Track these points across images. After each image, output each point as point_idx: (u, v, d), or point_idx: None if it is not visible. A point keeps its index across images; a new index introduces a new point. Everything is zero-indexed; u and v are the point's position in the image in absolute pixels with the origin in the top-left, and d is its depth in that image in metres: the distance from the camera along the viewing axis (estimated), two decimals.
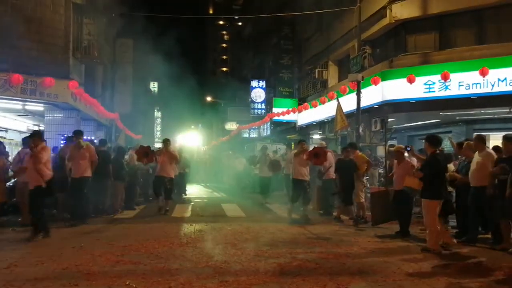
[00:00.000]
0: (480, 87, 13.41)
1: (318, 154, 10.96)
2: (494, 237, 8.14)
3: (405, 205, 9.12)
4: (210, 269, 6.12)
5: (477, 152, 8.28)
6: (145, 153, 11.90)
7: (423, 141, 9.65)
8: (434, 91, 14.27)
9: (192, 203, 14.94)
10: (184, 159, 16.63)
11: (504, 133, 8.37)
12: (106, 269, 6.07)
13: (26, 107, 15.34)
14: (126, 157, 13.22)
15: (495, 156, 8.07)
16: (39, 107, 15.52)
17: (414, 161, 9.41)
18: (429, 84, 14.31)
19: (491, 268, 6.45)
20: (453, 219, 9.34)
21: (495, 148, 8.81)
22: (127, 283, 5.40)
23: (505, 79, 12.95)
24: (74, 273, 5.84)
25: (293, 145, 18.50)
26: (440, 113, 14.70)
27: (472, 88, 13.58)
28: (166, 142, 12.53)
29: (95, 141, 15.48)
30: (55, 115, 15.91)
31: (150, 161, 12.27)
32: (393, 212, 9.54)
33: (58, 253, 6.95)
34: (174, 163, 12.58)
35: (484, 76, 12.95)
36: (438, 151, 7.99)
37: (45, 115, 15.96)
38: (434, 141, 7.87)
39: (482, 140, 8.33)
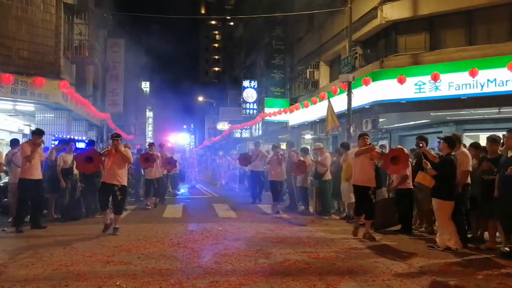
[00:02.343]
0: (470, 88, 13.52)
1: (397, 159, 8.50)
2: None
3: (405, 203, 9.39)
4: (201, 270, 6.14)
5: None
6: (88, 158, 9.03)
7: (415, 140, 9.82)
8: (425, 92, 14.37)
9: (183, 204, 14.94)
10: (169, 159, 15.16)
11: (493, 133, 8.47)
12: (97, 270, 6.07)
13: (17, 107, 15.28)
14: None
15: (469, 155, 8.17)
16: (29, 107, 15.46)
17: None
18: (420, 85, 14.41)
19: (478, 267, 6.50)
20: None
21: (474, 145, 8.91)
22: (118, 283, 5.41)
23: (495, 79, 13.07)
24: (65, 274, 5.84)
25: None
26: (431, 114, 14.80)
27: (462, 88, 13.69)
28: (114, 138, 9.24)
29: (86, 141, 15.47)
30: (46, 115, 15.86)
31: (97, 168, 9.44)
32: (395, 217, 9.70)
33: (49, 254, 6.94)
34: (126, 166, 9.59)
35: (473, 77, 13.07)
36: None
37: (36, 115, 15.90)
38: (451, 142, 7.94)
39: (458, 140, 8.43)
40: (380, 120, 16.38)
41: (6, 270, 6.02)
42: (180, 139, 60.56)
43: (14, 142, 10.47)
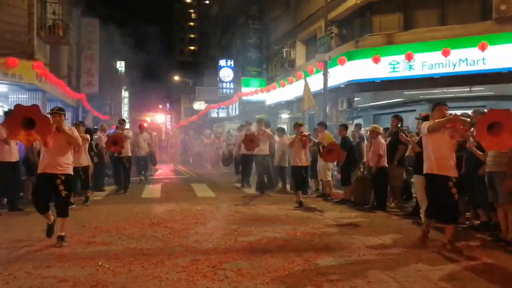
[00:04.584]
0: (443, 67, 13.83)
1: (498, 126, 5.31)
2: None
3: (380, 181, 9.68)
4: (182, 248, 6.27)
5: None
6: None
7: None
8: (399, 71, 14.63)
9: (162, 184, 14.99)
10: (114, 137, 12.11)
11: (463, 112, 8.71)
12: (78, 251, 6.14)
13: None
14: (95, 137, 13.21)
15: None
16: (2, 88, 15.20)
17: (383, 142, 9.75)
18: (394, 64, 14.65)
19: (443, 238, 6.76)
20: None
21: None
22: (100, 264, 5.49)
23: (466, 59, 13.39)
24: (46, 255, 5.90)
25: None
26: (405, 92, 15.09)
27: (435, 68, 14.00)
28: (56, 113, 6.53)
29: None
30: (20, 96, 15.61)
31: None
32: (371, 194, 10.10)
33: (28, 236, 6.98)
34: (71, 152, 6.84)
35: (446, 56, 13.35)
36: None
37: (9, 96, 15.63)
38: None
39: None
40: (355, 99, 16.63)
41: None
42: (156, 119, 60.09)
43: None
